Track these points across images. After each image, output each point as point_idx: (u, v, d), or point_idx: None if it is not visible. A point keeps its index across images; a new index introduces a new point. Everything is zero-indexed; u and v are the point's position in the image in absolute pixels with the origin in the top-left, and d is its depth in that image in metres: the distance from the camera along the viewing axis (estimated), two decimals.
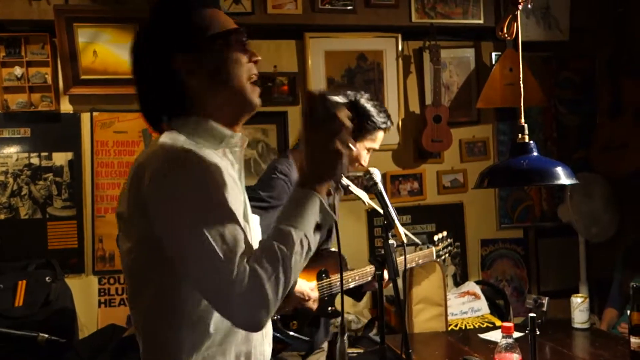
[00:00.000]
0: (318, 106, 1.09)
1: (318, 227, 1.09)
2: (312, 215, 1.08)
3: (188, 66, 1.16)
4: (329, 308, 2.16)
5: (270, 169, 2.12)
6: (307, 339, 2.09)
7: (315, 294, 2.13)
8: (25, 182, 3.05)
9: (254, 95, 1.20)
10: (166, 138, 1.14)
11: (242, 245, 1.02)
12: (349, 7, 3.28)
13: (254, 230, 1.23)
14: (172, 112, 1.20)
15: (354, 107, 2.17)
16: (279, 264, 1.01)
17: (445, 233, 2.60)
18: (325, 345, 2.23)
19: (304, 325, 2.10)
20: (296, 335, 2.07)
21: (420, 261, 2.49)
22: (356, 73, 3.41)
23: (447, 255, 2.60)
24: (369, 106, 2.16)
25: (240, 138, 1.22)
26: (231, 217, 1.05)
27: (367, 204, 2.27)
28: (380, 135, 2.20)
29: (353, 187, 2.34)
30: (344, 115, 1.09)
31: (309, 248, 1.07)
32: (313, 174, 1.10)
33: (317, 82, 3.31)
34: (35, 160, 3.06)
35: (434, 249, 2.53)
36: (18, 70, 3.02)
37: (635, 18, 3.40)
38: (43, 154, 3.06)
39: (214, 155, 1.15)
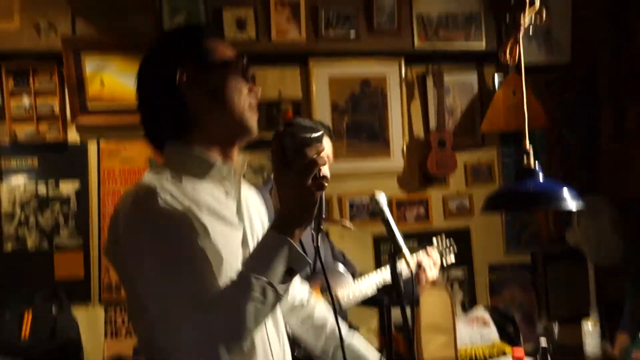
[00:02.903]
0: (287, 143, 1.04)
1: (291, 272, 1.06)
2: (281, 262, 1.04)
3: (190, 82, 1.19)
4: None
5: None
6: None
7: None
8: (33, 212, 3.05)
9: (252, 120, 1.22)
10: (147, 175, 1.19)
11: (204, 289, 1.05)
12: (352, 34, 3.32)
13: None
14: (172, 133, 1.22)
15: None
16: (236, 310, 1.02)
17: (443, 235, 2.59)
18: None
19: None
20: None
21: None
22: (360, 98, 3.43)
23: (450, 253, 2.58)
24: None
25: (231, 168, 1.22)
26: (190, 267, 1.06)
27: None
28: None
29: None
30: (316, 151, 1.04)
31: (277, 296, 1.04)
32: (286, 217, 1.06)
33: (321, 107, 3.34)
34: (42, 190, 3.07)
35: (435, 249, 2.51)
36: (26, 101, 3.05)
37: (635, 40, 3.42)
38: (50, 183, 3.08)
39: (198, 188, 1.17)
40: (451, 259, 2.60)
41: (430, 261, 2.35)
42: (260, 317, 1.05)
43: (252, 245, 1.21)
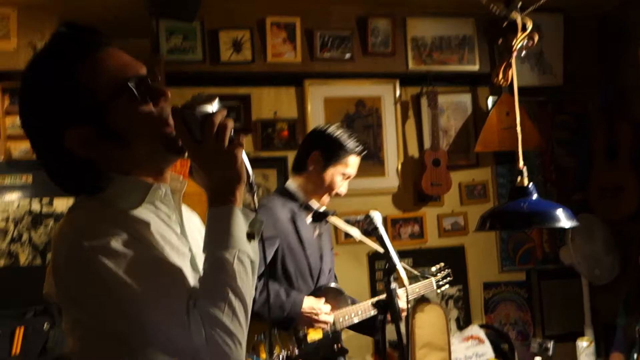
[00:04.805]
0: (190, 120, 1.00)
1: (250, 236, 1.02)
2: (238, 227, 1.01)
3: (81, 140, 1.01)
4: (335, 345, 2.13)
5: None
6: None
7: (327, 307, 2.12)
8: (26, 229, 3.04)
9: (172, 144, 1.05)
10: (77, 206, 1.06)
11: (184, 293, 0.97)
12: (347, 56, 3.36)
13: None
14: (83, 189, 1.07)
15: (322, 137, 2.22)
16: (227, 292, 0.96)
17: (442, 264, 2.62)
18: None
19: None
20: None
21: (421, 292, 2.49)
22: (355, 118, 3.46)
23: (447, 284, 2.61)
24: (337, 133, 2.21)
25: (168, 189, 1.10)
26: (162, 268, 0.98)
27: (358, 239, 2.31)
28: (352, 160, 2.22)
29: (341, 223, 2.36)
30: (222, 115, 1.01)
31: (251, 260, 1.01)
32: (218, 185, 1.02)
33: None
34: (36, 207, 3.06)
35: (433, 279, 2.54)
36: None
37: (626, 62, 3.47)
38: (44, 200, 3.07)
39: (138, 211, 1.04)
40: (446, 286, 2.63)
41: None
42: (251, 289, 1.01)
43: (200, 268, 1.08)
